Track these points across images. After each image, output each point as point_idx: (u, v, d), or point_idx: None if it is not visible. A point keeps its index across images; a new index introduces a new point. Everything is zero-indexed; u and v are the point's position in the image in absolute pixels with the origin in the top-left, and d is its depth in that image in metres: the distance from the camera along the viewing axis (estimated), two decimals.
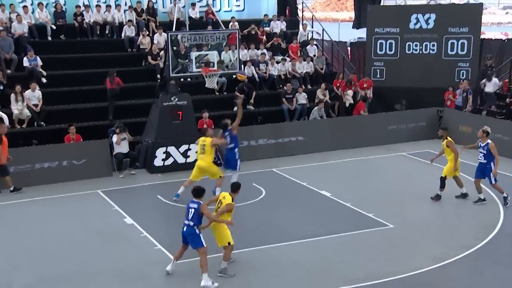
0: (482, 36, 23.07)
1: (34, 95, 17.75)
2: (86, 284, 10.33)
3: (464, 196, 14.07)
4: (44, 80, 18.98)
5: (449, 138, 13.94)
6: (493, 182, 13.56)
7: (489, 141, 13.50)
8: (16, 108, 17.35)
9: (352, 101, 20.94)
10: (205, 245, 10.06)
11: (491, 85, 21.00)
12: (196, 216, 10.03)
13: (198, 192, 10.26)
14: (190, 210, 10.12)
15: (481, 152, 13.62)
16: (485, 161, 13.56)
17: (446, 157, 14.08)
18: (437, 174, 15.54)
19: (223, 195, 10.58)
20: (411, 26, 22.16)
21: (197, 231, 10.09)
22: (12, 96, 17.39)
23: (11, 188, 15.03)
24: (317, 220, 13.32)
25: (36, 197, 14.86)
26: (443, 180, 13.99)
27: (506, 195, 13.64)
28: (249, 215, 13.54)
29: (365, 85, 21.55)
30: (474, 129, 19.12)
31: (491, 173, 13.47)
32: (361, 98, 20.99)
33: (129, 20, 21.36)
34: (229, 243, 10.38)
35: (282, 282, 10.29)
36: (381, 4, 25.73)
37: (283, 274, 10.61)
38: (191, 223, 10.06)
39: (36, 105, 17.73)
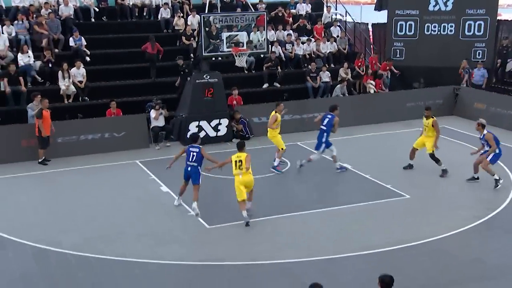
0: (498, 18, 22.48)
1: (79, 72, 17.89)
2: (125, 244, 10.51)
3: (410, 166, 14.29)
4: (88, 58, 19.10)
5: (434, 118, 13.83)
6: (488, 158, 12.98)
7: (485, 132, 13.01)
8: (63, 84, 17.52)
9: (375, 89, 20.52)
10: (200, 183, 11.58)
11: None
12: (198, 158, 11.47)
13: (194, 137, 11.92)
14: (192, 153, 11.53)
15: (482, 144, 13.25)
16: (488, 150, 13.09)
17: (425, 134, 13.92)
18: (452, 147, 15.42)
19: (237, 156, 11.25)
20: (430, 8, 21.67)
21: (200, 170, 11.53)
22: (60, 73, 17.55)
23: (40, 160, 15.12)
24: (338, 190, 13.30)
25: (80, 166, 15.06)
26: (433, 156, 13.81)
27: (476, 176, 13.26)
28: (276, 185, 13.57)
29: (387, 68, 21.25)
30: (488, 106, 18.88)
31: (488, 153, 12.97)
32: (377, 76, 20.68)
33: (165, 3, 21.31)
34: None
35: (305, 247, 10.33)
36: None
37: (306, 240, 10.66)
38: (195, 164, 11.50)
39: (80, 82, 17.87)
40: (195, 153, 11.53)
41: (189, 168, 11.59)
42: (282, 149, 14.41)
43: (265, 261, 9.79)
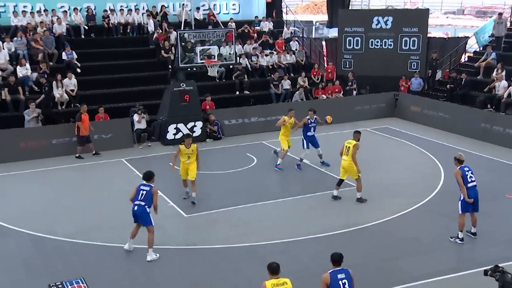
0: (428, 35, 22.94)
1: (71, 82, 17.56)
2: (113, 233, 10.35)
3: (361, 200, 11.66)
4: (78, 70, 18.74)
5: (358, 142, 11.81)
6: (459, 211, 9.71)
7: (456, 169, 9.78)
8: (57, 92, 17.17)
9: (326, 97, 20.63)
10: (153, 224, 9.23)
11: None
12: (147, 197, 9.13)
13: (148, 175, 9.42)
14: (141, 192, 9.19)
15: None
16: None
17: (343, 156, 11.88)
18: (393, 143, 15.59)
19: (189, 151, 11.53)
20: (373, 26, 21.94)
21: (147, 210, 9.15)
22: (54, 83, 17.19)
23: (93, 152, 15.39)
24: (297, 182, 13.34)
25: (72, 164, 14.81)
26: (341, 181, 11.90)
27: (460, 236, 9.81)
28: (244, 179, 13.54)
29: (329, 70, 21.54)
30: (422, 109, 19.23)
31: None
32: (329, 83, 20.90)
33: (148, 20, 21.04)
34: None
35: (269, 231, 10.34)
36: (350, 8, 25.42)
37: (270, 226, 10.66)
38: (142, 203, 9.12)
39: (72, 90, 17.53)
40: (145, 192, 9.19)
41: (135, 208, 9.15)
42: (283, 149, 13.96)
43: (235, 244, 9.77)
